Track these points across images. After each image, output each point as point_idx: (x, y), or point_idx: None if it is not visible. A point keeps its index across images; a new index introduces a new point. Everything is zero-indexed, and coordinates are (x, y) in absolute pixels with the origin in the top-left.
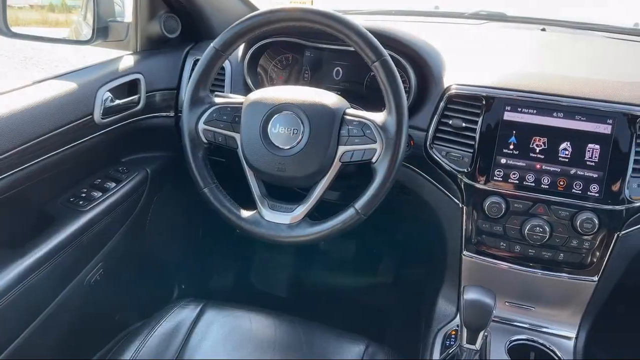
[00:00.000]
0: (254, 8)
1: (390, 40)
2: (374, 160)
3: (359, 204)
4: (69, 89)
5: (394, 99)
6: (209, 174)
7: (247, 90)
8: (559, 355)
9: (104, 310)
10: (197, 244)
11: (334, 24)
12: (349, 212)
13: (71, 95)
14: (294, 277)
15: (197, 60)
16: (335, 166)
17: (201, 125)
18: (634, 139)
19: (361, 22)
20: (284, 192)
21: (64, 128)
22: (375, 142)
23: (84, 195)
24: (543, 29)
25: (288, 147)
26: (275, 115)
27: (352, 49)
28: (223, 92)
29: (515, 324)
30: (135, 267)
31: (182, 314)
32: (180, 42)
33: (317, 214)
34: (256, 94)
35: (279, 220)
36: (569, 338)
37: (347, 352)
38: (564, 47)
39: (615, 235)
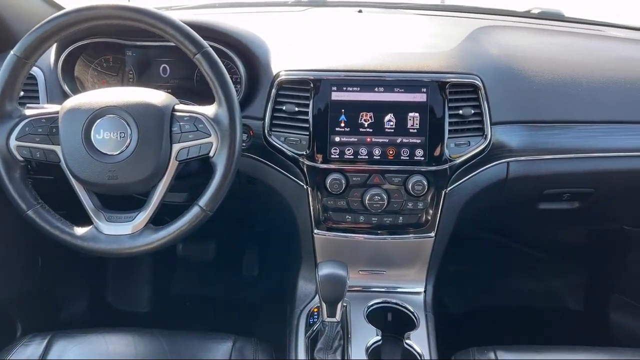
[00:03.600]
0: (60, 8)
1: (212, 32)
2: (211, 154)
3: (203, 200)
4: None
5: (222, 90)
6: (32, 194)
7: (66, 99)
8: (412, 310)
9: None
10: (37, 273)
11: (148, 20)
12: (194, 211)
13: None
14: (155, 288)
15: None
16: (173, 166)
17: (13, 142)
18: (445, 104)
19: (182, 16)
20: (124, 201)
21: None
22: (209, 135)
23: None
24: (360, 11)
25: (117, 152)
26: (98, 121)
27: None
28: (38, 103)
29: (371, 289)
30: None
31: (27, 352)
32: None
33: (168, 219)
34: (73, 100)
35: (119, 231)
36: (418, 293)
37: (214, 352)
38: (380, 26)
39: (443, 192)
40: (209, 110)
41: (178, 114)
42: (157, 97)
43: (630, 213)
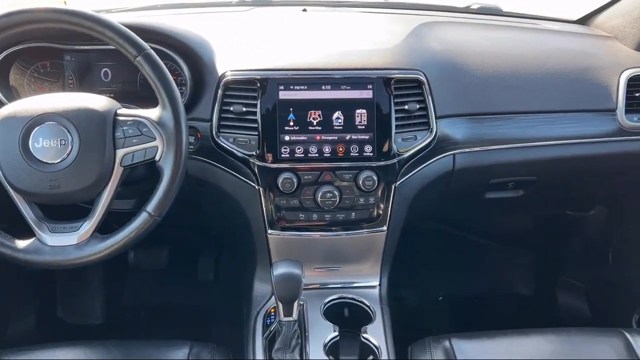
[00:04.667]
0: None
1: (153, 34)
2: (157, 158)
3: (151, 206)
4: None
5: (165, 92)
6: None
7: (0, 107)
8: (367, 304)
9: None
10: None
11: (85, 23)
12: (142, 217)
13: None
14: (108, 299)
15: None
16: (117, 172)
17: None
18: (391, 100)
19: (122, 18)
20: (69, 211)
21: None
22: (154, 139)
23: None
24: (304, 10)
25: (57, 160)
26: (36, 128)
27: None
28: None
29: (328, 286)
30: None
31: None
32: None
33: (117, 227)
34: (8, 108)
35: (64, 242)
36: (373, 287)
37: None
38: (325, 24)
39: (393, 186)
40: (153, 113)
41: (121, 118)
42: (97, 102)
43: (571, 198)
